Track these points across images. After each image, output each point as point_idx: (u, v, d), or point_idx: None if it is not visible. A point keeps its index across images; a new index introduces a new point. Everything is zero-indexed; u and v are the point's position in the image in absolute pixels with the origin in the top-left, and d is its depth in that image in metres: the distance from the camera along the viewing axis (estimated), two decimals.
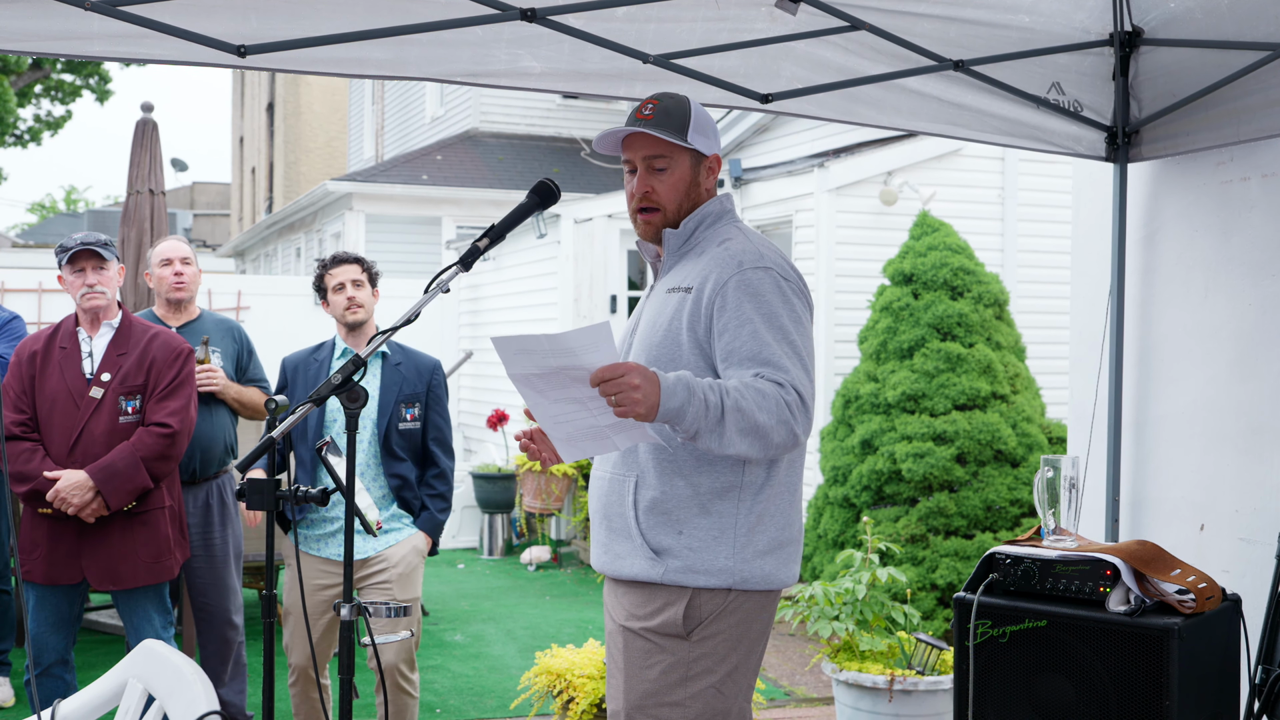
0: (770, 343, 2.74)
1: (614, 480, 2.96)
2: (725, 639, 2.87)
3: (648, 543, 2.87)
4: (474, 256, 2.82)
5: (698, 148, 2.96)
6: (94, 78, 27.54)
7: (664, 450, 2.85)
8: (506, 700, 6.10)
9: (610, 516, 2.97)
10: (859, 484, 7.36)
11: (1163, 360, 4.73)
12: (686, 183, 2.97)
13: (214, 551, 5.28)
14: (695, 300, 2.84)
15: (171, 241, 5.44)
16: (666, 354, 2.87)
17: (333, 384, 2.68)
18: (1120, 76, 4.52)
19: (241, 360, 5.47)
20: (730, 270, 2.82)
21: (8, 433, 4.52)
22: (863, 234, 9.17)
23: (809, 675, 6.73)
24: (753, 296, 2.78)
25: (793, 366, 2.73)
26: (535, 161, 18.16)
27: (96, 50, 3.47)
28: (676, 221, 2.99)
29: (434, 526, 4.72)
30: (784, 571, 2.92)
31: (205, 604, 5.29)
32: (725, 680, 2.88)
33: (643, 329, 2.97)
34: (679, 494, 2.85)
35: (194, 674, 2.63)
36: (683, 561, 2.84)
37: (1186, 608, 3.35)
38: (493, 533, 10.61)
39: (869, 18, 4.02)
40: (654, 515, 2.87)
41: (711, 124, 3.01)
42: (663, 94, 3.01)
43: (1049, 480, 3.63)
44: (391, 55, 3.73)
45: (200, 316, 5.43)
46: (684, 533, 2.85)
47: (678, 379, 2.59)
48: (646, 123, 2.93)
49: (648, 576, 2.87)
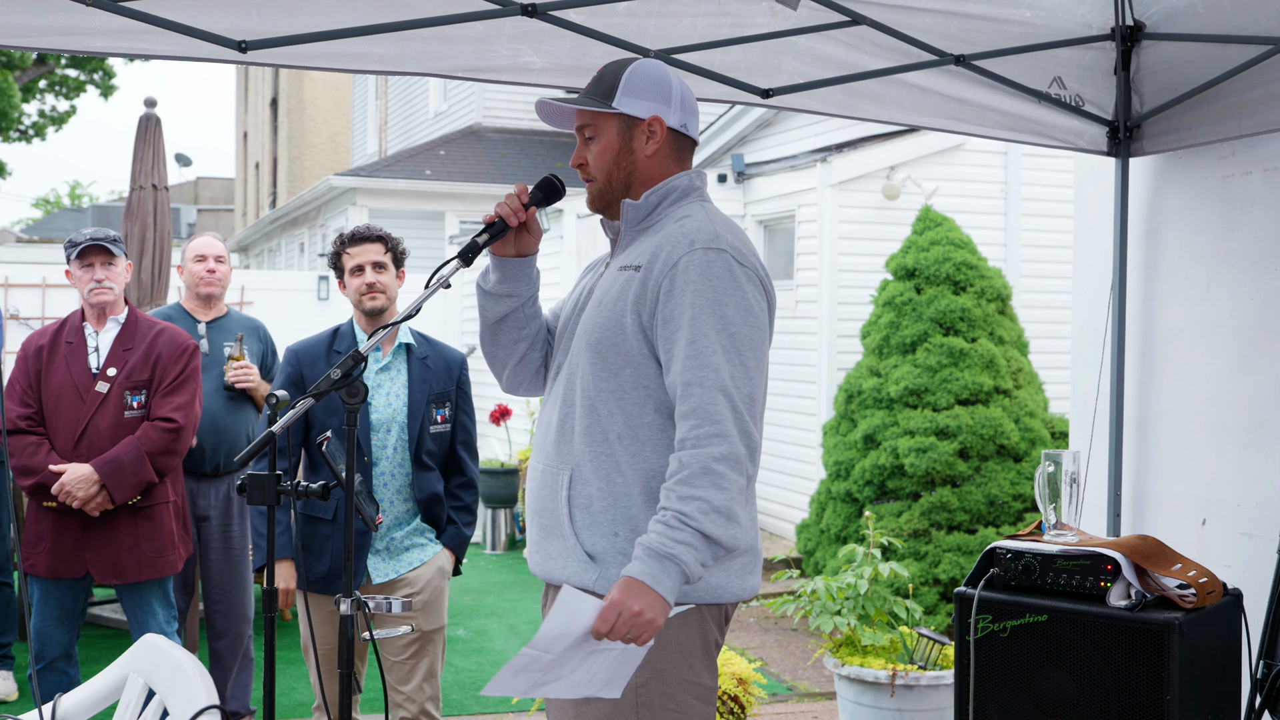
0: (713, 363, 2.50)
1: (547, 472, 2.71)
2: (675, 658, 2.60)
3: (581, 544, 2.62)
4: (474, 252, 2.76)
5: (626, 110, 2.71)
6: (98, 73, 27.54)
7: (602, 442, 2.62)
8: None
9: (542, 512, 2.71)
10: (861, 479, 7.37)
11: (1165, 355, 4.73)
12: (615, 150, 2.73)
13: (232, 544, 5.34)
14: (643, 280, 2.62)
15: (207, 238, 5.50)
16: (610, 336, 2.63)
17: (332, 379, 2.67)
18: (1122, 71, 4.51)
19: (266, 360, 5.52)
20: (681, 249, 2.59)
21: (13, 426, 4.54)
22: (865, 229, 9.17)
23: (811, 670, 6.74)
24: (701, 278, 2.55)
25: (726, 394, 2.49)
26: (538, 157, 18.17)
27: (98, 46, 3.47)
28: (613, 191, 2.77)
29: (460, 543, 4.29)
30: (738, 583, 2.65)
31: (221, 597, 5.34)
32: (681, 700, 2.62)
33: (590, 307, 2.74)
34: (616, 491, 2.60)
35: (194, 668, 2.64)
36: (618, 568, 2.56)
37: (1187, 602, 3.35)
38: (495, 528, 10.62)
39: (870, 12, 4.02)
40: (589, 514, 2.62)
41: (655, 84, 2.74)
42: (612, 61, 2.84)
43: (1050, 475, 3.63)
44: (393, 51, 3.73)
45: (229, 314, 5.51)
46: (619, 535, 2.59)
47: (646, 557, 2.42)
48: (579, 94, 2.79)
49: (580, 582, 2.59)
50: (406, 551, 4.20)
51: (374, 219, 17.23)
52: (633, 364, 2.62)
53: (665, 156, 2.77)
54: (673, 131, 2.77)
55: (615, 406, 2.62)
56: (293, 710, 5.86)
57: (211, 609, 5.37)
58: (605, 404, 2.63)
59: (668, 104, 2.75)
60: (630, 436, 2.61)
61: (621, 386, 2.63)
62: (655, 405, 2.61)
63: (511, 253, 2.84)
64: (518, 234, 2.84)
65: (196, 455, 5.23)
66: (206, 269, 5.37)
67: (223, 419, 5.27)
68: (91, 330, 4.69)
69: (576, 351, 2.72)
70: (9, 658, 6.09)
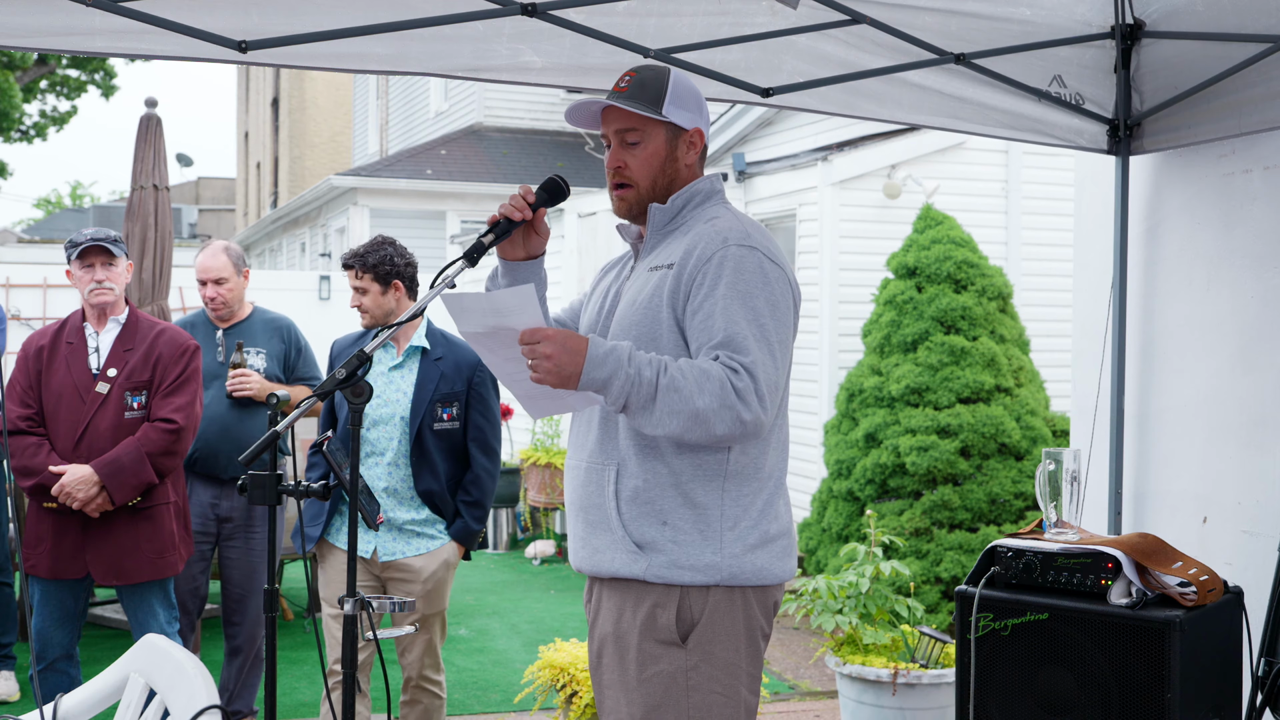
0: (739, 321, 2.62)
1: (591, 469, 2.80)
2: (724, 642, 2.72)
3: (630, 535, 2.71)
4: (479, 252, 2.79)
5: (674, 120, 2.79)
6: (99, 73, 27.55)
7: (644, 436, 2.70)
8: (510, 694, 6.12)
9: (588, 508, 2.80)
10: (863, 477, 7.37)
11: (1165, 353, 4.73)
12: (661, 158, 2.82)
13: (253, 546, 5.34)
14: (677, 276, 2.71)
15: (209, 255, 5.39)
16: (646, 333, 2.72)
17: (337, 379, 2.67)
18: (1122, 69, 4.51)
19: (290, 358, 5.44)
20: (715, 246, 2.69)
21: (14, 427, 4.54)
22: (866, 227, 9.16)
23: (813, 669, 6.74)
24: (733, 272, 2.65)
25: (756, 349, 2.60)
26: (539, 156, 18.18)
27: (98, 46, 3.48)
28: (651, 198, 2.84)
29: (466, 535, 4.50)
30: (779, 565, 2.77)
31: (241, 596, 5.35)
32: (730, 684, 2.73)
33: (622, 307, 2.82)
34: (662, 482, 2.69)
35: (194, 668, 2.64)
36: (667, 556, 2.69)
37: (1188, 600, 3.35)
38: (497, 527, 10.63)
39: (870, 11, 4.02)
40: (636, 505, 2.71)
41: (694, 96, 2.84)
42: (643, 65, 2.90)
43: (1050, 473, 3.64)
44: (392, 50, 3.74)
45: (251, 316, 5.45)
46: (668, 524, 2.69)
47: (612, 349, 2.53)
48: (620, 95, 2.80)
49: (629, 573, 2.71)
50: (416, 538, 4.45)
51: (375, 218, 17.25)
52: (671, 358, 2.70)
53: (697, 167, 2.90)
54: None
55: None
56: (294, 710, 5.86)
57: (230, 607, 5.38)
58: None
59: (702, 116, 2.88)
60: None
61: None
62: None
63: (520, 255, 2.92)
64: (525, 235, 2.91)
65: (213, 462, 5.24)
66: (207, 296, 5.34)
67: (234, 426, 5.22)
68: (92, 331, 4.69)
69: None
70: (10, 658, 6.10)
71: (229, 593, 5.39)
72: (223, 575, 5.42)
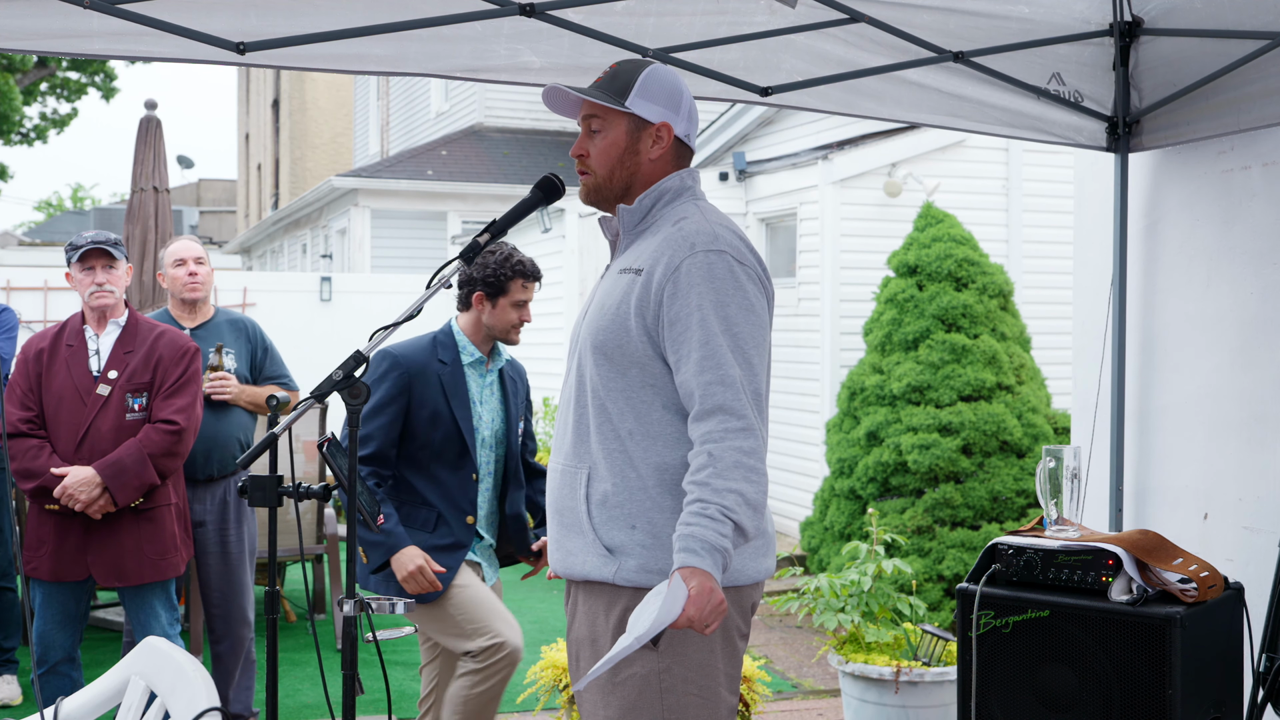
0: (726, 361, 2.59)
1: (565, 472, 2.80)
2: (697, 643, 2.69)
3: (600, 539, 2.71)
4: (475, 251, 2.81)
5: (637, 112, 2.77)
6: (99, 75, 27.55)
7: (614, 439, 2.71)
8: (513, 694, 6.11)
9: (562, 511, 2.80)
10: (865, 476, 7.37)
11: (1165, 350, 4.73)
12: (620, 148, 2.79)
13: (229, 549, 5.28)
14: (645, 284, 2.68)
15: (184, 241, 5.36)
16: (614, 339, 2.71)
17: (334, 380, 2.67)
18: (1120, 66, 4.51)
19: (256, 358, 5.39)
20: (683, 253, 2.66)
21: (14, 429, 4.55)
22: (867, 226, 9.17)
23: (815, 667, 6.74)
24: (704, 280, 2.63)
25: (735, 366, 2.59)
26: (540, 156, 18.18)
27: (97, 48, 3.48)
28: (610, 188, 2.83)
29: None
30: (754, 565, 2.76)
31: (221, 601, 5.30)
32: (706, 685, 2.72)
33: (593, 311, 2.80)
34: (630, 487, 2.69)
35: (195, 671, 2.64)
36: (637, 560, 2.67)
37: (1189, 597, 3.36)
38: None
39: (868, 10, 4.02)
40: (606, 510, 2.70)
41: (669, 91, 2.81)
42: (629, 58, 2.90)
43: (1051, 471, 3.64)
44: (391, 51, 3.74)
45: (215, 315, 5.38)
46: (637, 528, 2.68)
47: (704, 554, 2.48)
48: (593, 85, 2.82)
49: (600, 576, 2.70)
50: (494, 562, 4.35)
51: (376, 219, 17.26)
52: (638, 364, 2.70)
53: (666, 163, 2.84)
54: (677, 140, 2.84)
55: (625, 405, 2.71)
56: (295, 713, 5.86)
57: (211, 614, 5.33)
58: (615, 403, 2.72)
59: (677, 112, 2.83)
60: (641, 433, 2.70)
61: (629, 386, 2.71)
62: (663, 402, 2.70)
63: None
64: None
65: (188, 463, 5.16)
66: (188, 273, 5.23)
67: (210, 427, 5.13)
68: (92, 333, 4.69)
69: (584, 355, 2.79)
70: (12, 662, 6.10)
71: (210, 608, 5.31)
72: (202, 589, 5.34)
